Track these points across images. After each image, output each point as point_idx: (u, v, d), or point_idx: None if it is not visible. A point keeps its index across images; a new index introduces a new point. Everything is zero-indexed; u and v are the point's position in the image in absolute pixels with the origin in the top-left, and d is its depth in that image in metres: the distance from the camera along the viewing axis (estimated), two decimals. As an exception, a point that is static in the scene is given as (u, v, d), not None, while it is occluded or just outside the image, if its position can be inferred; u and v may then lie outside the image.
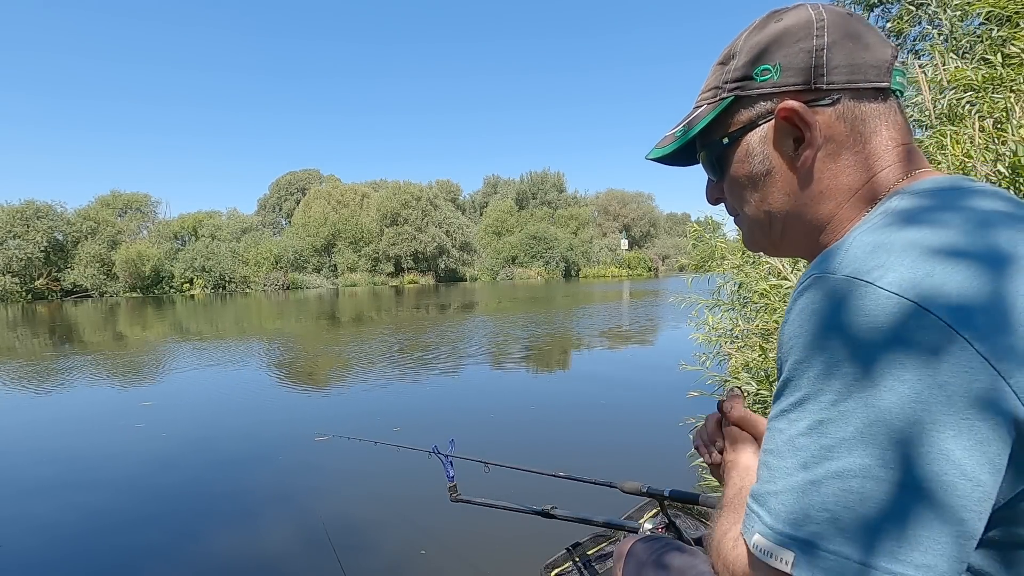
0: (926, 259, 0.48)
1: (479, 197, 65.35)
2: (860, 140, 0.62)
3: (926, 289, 0.46)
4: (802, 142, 0.63)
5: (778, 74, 0.63)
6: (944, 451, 0.43)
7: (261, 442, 5.08)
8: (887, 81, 0.62)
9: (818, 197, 0.64)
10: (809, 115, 0.61)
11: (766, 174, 0.66)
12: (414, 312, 19.16)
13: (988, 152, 2.21)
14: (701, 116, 0.68)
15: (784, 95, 0.63)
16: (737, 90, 0.65)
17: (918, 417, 0.44)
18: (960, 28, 3.49)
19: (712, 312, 4.52)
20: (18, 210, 34.97)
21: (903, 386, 0.44)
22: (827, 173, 0.63)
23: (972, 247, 0.48)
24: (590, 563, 2.03)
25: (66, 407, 6.67)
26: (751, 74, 0.64)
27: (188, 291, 37.85)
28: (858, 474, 0.45)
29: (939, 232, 0.50)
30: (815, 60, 0.61)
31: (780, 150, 0.64)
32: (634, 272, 54.05)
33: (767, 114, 0.64)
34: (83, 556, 3.12)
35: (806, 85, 0.62)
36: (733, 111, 0.66)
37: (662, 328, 13.03)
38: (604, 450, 4.59)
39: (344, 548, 3.06)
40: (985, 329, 0.44)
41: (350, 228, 45.07)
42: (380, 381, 7.69)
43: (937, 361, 0.44)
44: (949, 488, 0.43)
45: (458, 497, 1.68)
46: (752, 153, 0.66)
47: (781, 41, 0.63)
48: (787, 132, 0.63)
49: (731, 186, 0.71)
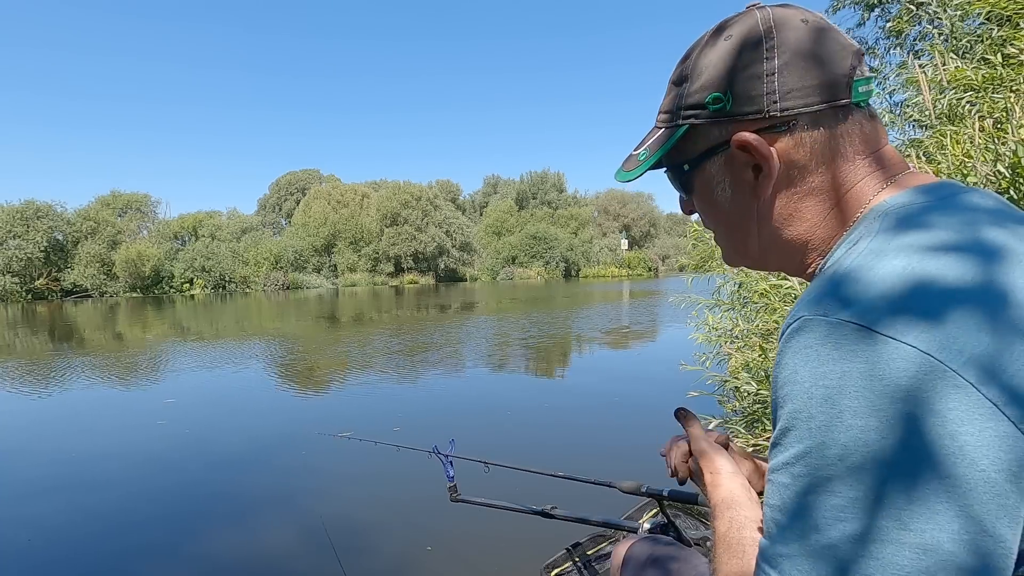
0: (937, 303, 0.45)
1: (479, 197, 65.38)
2: (824, 160, 0.60)
3: (940, 343, 0.43)
4: (761, 171, 0.61)
5: (730, 103, 0.60)
6: (971, 515, 0.41)
7: (261, 442, 5.09)
8: (847, 97, 0.59)
9: (788, 220, 0.63)
10: (763, 147, 0.59)
11: (730, 200, 0.65)
12: (414, 312, 19.16)
13: (988, 152, 2.21)
14: (659, 142, 0.67)
15: (739, 124, 0.61)
16: (692, 118, 0.63)
17: (937, 476, 0.41)
18: (960, 28, 3.49)
19: (712, 312, 4.52)
20: (18, 210, 35.02)
21: (920, 443, 0.42)
22: (793, 198, 0.62)
23: (979, 282, 0.46)
24: (590, 563, 2.03)
25: (66, 406, 6.67)
26: (703, 102, 0.62)
27: (188, 291, 37.88)
28: (876, 538, 0.42)
29: (942, 265, 0.47)
30: (767, 87, 0.59)
31: (741, 178, 0.63)
32: (634, 272, 54.07)
33: (723, 143, 0.62)
34: (85, 556, 3.12)
35: (759, 114, 0.59)
36: (690, 138, 0.65)
37: (662, 328, 13.03)
38: (604, 450, 4.60)
39: (344, 547, 3.06)
40: (1008, 395, 0.42)
41: (350, 228, 45.10)
42: (380, 381, 7.69)
43: (958, 422, 0.41)
44: (975, 551, 0.41)
45: (458, 497, 1.68)
46: (713, 180, 0.65)
47: (732, 67, 0.60)
48: (745, 161, 0.61)
49: (700, 206, 0.70)
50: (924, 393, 0.42)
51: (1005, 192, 2.06)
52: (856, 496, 0.43)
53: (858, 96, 0.60)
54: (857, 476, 0.43)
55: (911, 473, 0.42)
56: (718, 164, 0.64)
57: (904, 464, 0.42)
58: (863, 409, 0.44)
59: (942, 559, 0.41)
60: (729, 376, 3.88)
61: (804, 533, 0.46)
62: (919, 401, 0.42)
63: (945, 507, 0.41)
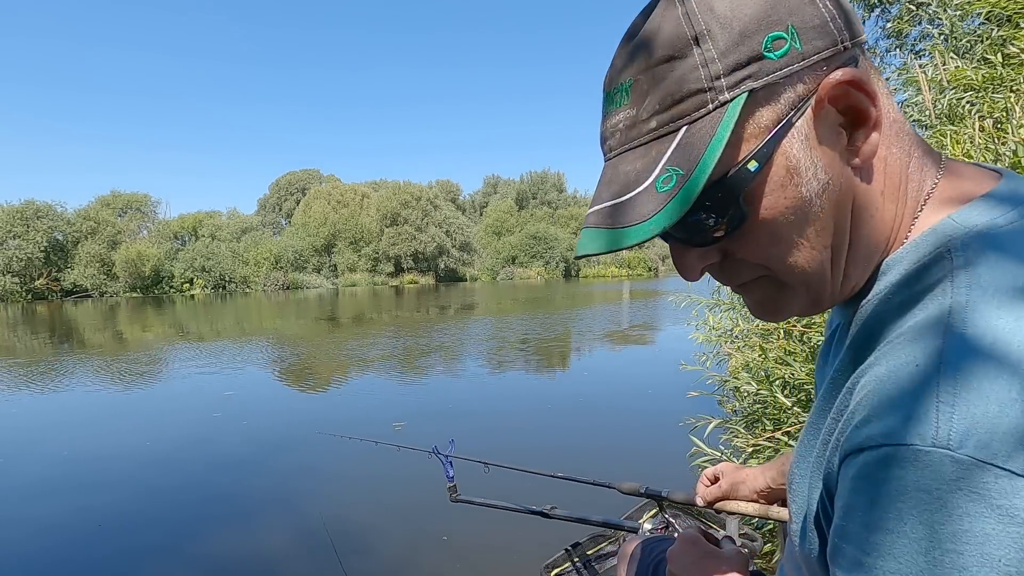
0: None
1: (479, 197, 65.44)
2: (892, 111, 0.46)
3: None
4: (859, 126, 0.44)
5: (798, 40, 0.42)
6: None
7: (261, 442, 5.09)
8: (862, 35, 0.45)
9: (884, 198, 0.46)
10: (869, 83, 0.43)
11: (822, 192, 0.44)
12: (414, 313, 19.17)
13: (988, 152, 2.21)
14: (703, 141, 0.42)
15: (817, 68, 0.43)
16: (748, 79, 0.42)
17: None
18: (960, 28, 3.49)
19: (712, 312, 4.52)
20: (18, 210, 35.04)
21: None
22: (888, 158, 0.46)
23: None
24: (590, 563, 2.03)
25: (66, 406, 6.67)
26: (759, 51, 0.42)
27: (188, 291, 37.89)
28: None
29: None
30: (825, 10, 0.43)
31: (833, 148, 0.44)
32: (634, 272, 54.10)
33: (801, 102, 0.43)
34: (85, 556, 3.12)
35: (834, 47, 0.43)
36: (746, 116, 0.42)
37: (662, 328, 13.02)
38: (604, 450, 4.59)
39: (345, 547, 3.06)
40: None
41: (350, 228, 45.14)
42: (381, 381, 7.69)
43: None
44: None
45: (458, 497, 1.68)
46: (799, 167, 0.43)
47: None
48: (833, 120, 0.44)
49: (761, 234, 0.45)
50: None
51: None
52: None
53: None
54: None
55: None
56: (798, 139, 0.43)
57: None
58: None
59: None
60: (729, 376, 3.87)
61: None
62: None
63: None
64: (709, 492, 1.07)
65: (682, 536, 0.75)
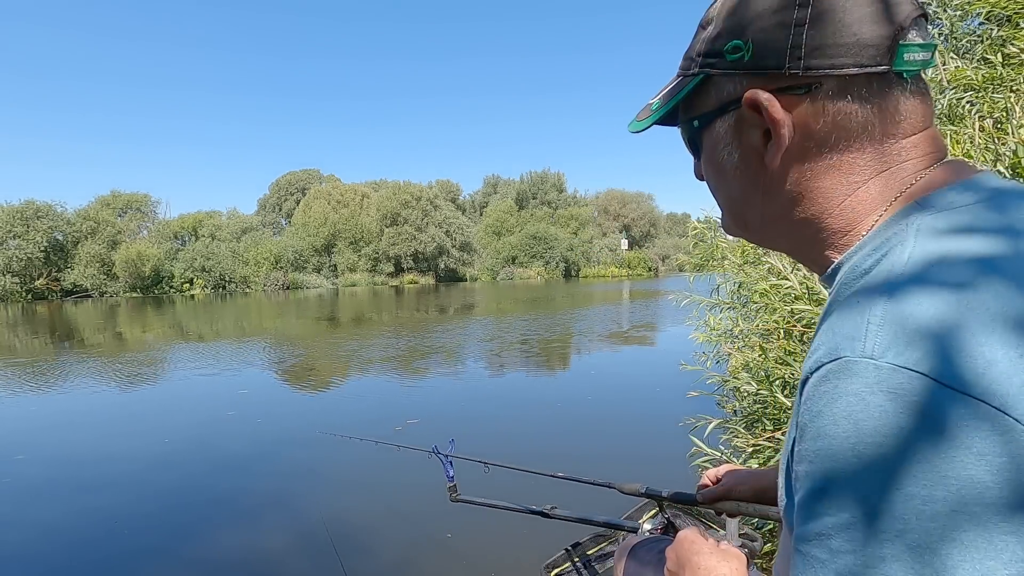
0: (1004, 328, 0.37)
1: (479, 197, 65.38)
2: (848, 136, 0.52)
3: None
4: (770, 139, 0.53)
5: (749, 53, 0.52)
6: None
7: (262, 442, 5.09)
8: (887, 63, 0.49)
9: (799, 199, 0.55)
10: (776, 109, 0.51)
11: (735, 166, 0.58)
12: (414, 313, 19.17)
13: (988, 152, 2.21)
14: (672, 92, 0.60)
15: (754, 79, 0.53)
16: (707, 67, 0.56)
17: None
18: (960, 28, 3.49)
19: (712, 312, 4.52)
20: (18, 210, 34.99)
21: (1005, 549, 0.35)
22: (807, 174, 0.54)
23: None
24: (590, 563, 2.03)
25: (66, 407, 6.67)
26: (721, 50, 0.54)
27: (188, 291, 37.87)
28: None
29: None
30: (792, 40, 0.50)
31: (749, 142, 0.55)
32: (634, 272, 54.06)
33: (735, 100, 0.54)
34: (86, 556, 3.12)
35: (779, 70, 0.51)
36: (703, 90, 0.58)
37: (662, 328, 13.03)
38: (604, 450, 4.59)
39: (345, 547, 3.06)
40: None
41: (350, 228, 45.09)
42: (381, 381, 7.70)
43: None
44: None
45: (458, 497, 1.68)
46: (720, 141, 0.58)
47: (759, 12, 0.52)
48: (755, 123, 0.54)
49: (705, 169, 0.63)
50: (1003, 459, 0.35)
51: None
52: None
53: (901, 64, 0.50)
54: (915, 554, 0.36)
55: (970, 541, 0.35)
56: (727, 124, 0.57)
57: (967, 536, 0.35)
58: (930, 476, 0.36)
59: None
60: (729, 376, 3.87)
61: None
62: (998, 470, 0.35)
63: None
64: (709, 492, 1.07)
65: (680, 533, 0.75)
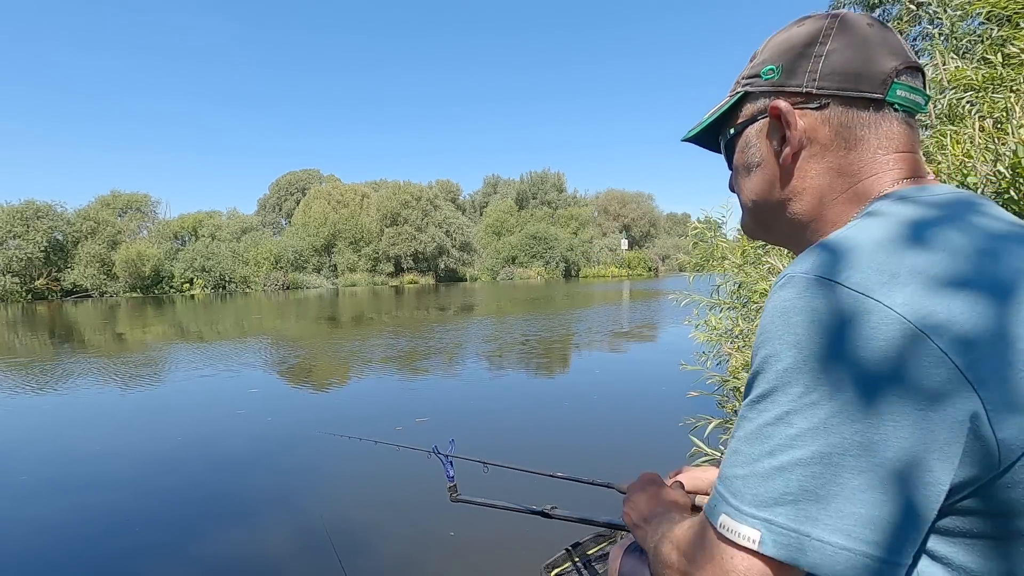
0: (884, 254, 0.52)
1: (479, 197, 65.36)
2: (845, 145, 0.65)
3: (881, 287, 0.49)
4: (786, 140, 0.67)
5: (778, 74, 0.68)
6: (907, 453, 0.46)
7: (262, 441, 5.09)
8: (881, 93, 0.64)
9: (800, 193, 0.68)
10: (792, 115, 0.66)
11: (757, 165, 0.72)
12: (414, 313, 19.16)
13: (988, 152, 2.21)
14: (720, 106, 0.75)
15: (779, 94, 0.68)
16: (748, 86, 0.71)
17: (882, 411, 0.47)
18: (960, 28, 3.49)
19: (712, 312, 4.52)
20: (18, 210, 34.97)
21: (873, 385, 0.47)
22: (810, 172, 0.67)
23: (949, 264, 0.50)
24: (590, 563, 2.02)
25: (66, 407, 6.67)
26: (759, 72, 0.70)
27: (188, 291, 37.86)
28: (820, 461, 0.48)
29: (904, 230, 0.54)
30: (811, 65, 0.65)
31: (770, 145, 0.70)
32: (634, 272, 54.07)
33: (764, 111, 0.69)
34: (86, 556, 3.12)
35: (798, 87, 0.66)
36: (744, 105, 0.72)
37: (662, 328, 13.03)
38: (604, 450, 4.59)
39: (345, 547, 3.06)
40: (958, 342, 0.47)
41: (350, 228, 45.07)
42: (381, 381, 7.70)
43: (903, 365, 0.47)
44: (908, 483, 0.47)
45: (458, 497, 1.67)
46: (749, 144, 0.72)
47: (791, 45, 0.68)
48: (776, 128, 0.68)
49: (734, 173, 0.77)
50: (888, 349, 0.48)
51: (1005, 192, 2.06)
52: (809, 427, 0.49)
53: (893, 97, 0.64)
54: (813, 411, 0.49)
55: (864, 414, 0.47)
56: (755, 129, 0.71)
57: (861, 407, 0.47)
58: (828, 355, 0.49)
59: (882, 486, 0.47)
60: (729, 376, 3.87)
61: (758, 457, 0.51)
62: (879, 354, 0.48)
63: (888, 442, 0.47)
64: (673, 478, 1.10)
65: (642, 474, 0.96)
